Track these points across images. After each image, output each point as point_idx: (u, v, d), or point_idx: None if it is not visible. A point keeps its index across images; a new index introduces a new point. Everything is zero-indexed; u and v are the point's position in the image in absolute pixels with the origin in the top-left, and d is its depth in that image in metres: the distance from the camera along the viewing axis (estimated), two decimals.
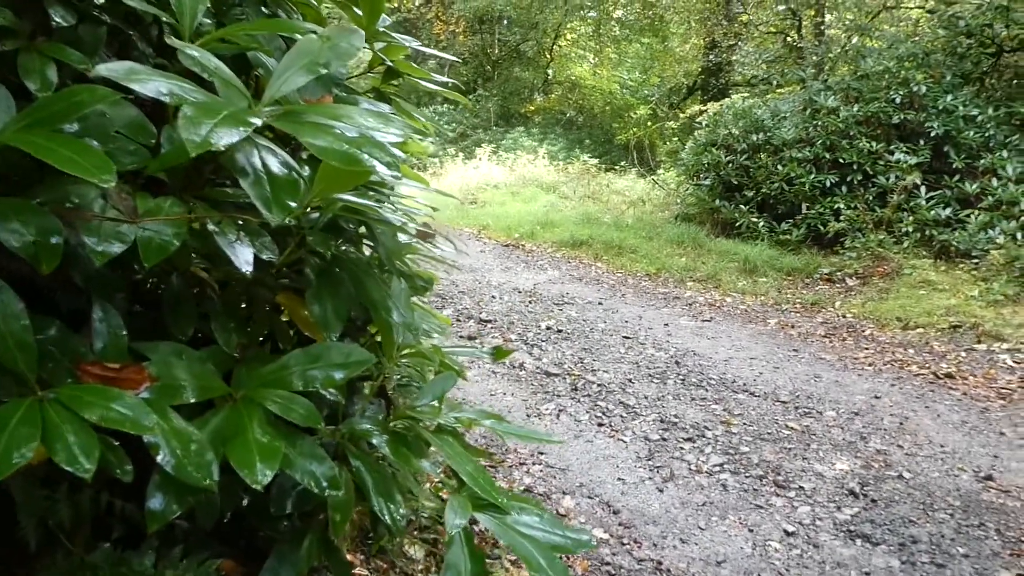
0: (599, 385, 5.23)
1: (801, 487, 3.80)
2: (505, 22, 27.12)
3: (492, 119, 24.68)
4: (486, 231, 12.07)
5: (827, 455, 4.17)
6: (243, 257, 1.09)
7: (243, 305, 1.36)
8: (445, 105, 26.30)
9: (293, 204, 0.97)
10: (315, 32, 1.14)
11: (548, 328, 6.57)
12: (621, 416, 4.73)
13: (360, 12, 1.42)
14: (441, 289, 7.90)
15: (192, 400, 1.07)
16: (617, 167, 18.15)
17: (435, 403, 1.58)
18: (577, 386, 5.22)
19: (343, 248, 1.34)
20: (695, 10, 19.47)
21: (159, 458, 0.94)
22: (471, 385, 5.21)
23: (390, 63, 1.57)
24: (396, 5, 28.85)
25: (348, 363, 1.20)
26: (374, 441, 1.43)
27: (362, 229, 1.41)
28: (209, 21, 1.31)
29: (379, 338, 1.55)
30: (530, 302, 7.51)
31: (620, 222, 11.81)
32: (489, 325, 6.63)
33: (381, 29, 1.53)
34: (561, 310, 7.22)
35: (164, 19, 1.15)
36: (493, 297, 7.68)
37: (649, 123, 20.27)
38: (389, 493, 1.35)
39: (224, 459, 1.00)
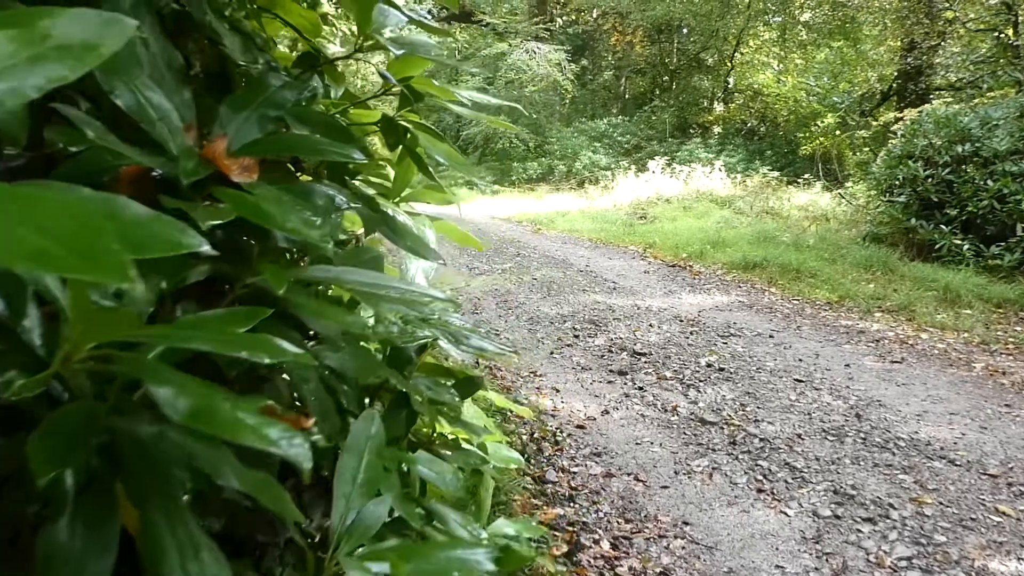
0: (762, 440, 4.53)
1: None
2: (684, 31, 26.26)
3: (667, 130, 23.87)
4: (652, 250, 11.43)
5: None
6: None
7: None
8: (620, 117, 25.82)
9: None
10: None
11: (709, 365, 5.89)
12: (786, 481, 4.03)
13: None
14: (596, 315, 7.41)
15: None
16: (800, 180, 16.87)
17: None
18: (736, 439, 4.55)
19: None
20: (891, 9, 17.72)
21: None
22: (615, 430, 4.69)
23: (394, 81, 1.13)
24: (574, 18, 28.76)
25: None
26: None
27: None
28: None
29: None
30: (691, 333, 6.84)
31: (800, 242, 10.79)
32: (643, 359, 6.05)
33: (391, 33, 1.08)
34: (725, 343, 6.50)
35: None
36: (651, 326, 7.07)
37: (837, 132, 18.69)
38: None
39: None
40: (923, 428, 4.69)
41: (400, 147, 1.21)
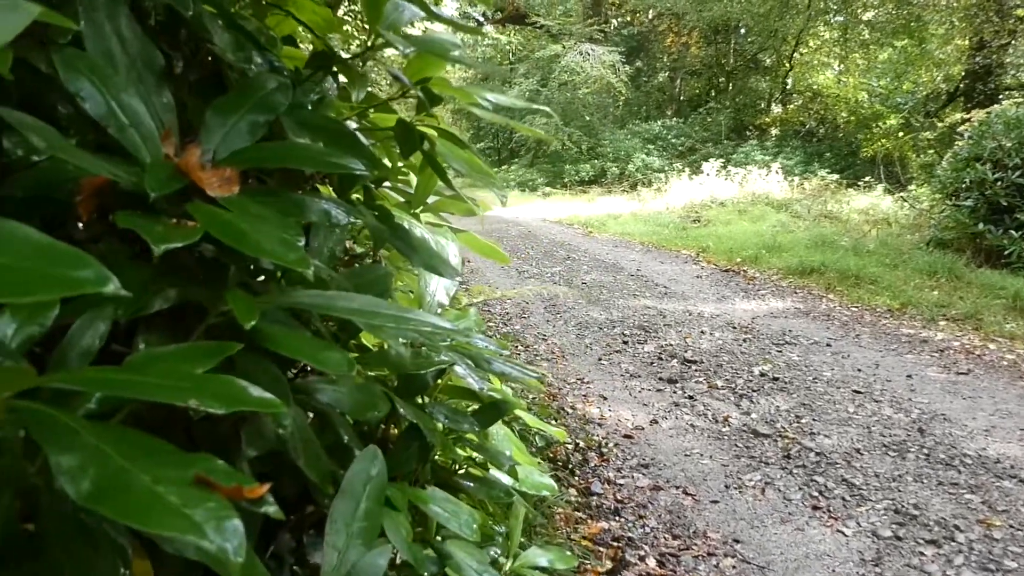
0: (818, 454, 4.33)
1: None
2: (741, 31, 25.78)
3: (723, 132, 23.43)
4: (705, 254, 11.18)
5: None
6: None
7: None
8: (675, 119, 25.47)
9: None
10: None
11: (762, 375, 5.68)
12: (843, 499, 3.82)
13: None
14: (646, 320, 7.24)
15: None
16: (860, 183, 16.36)
17: None
18: (790, 453, 4.35)
19: None
20: (960, 7, 17.07)
21: None
22: (664, 441, 4.53)
23: (407, 82, 1.02)
24: (629, 20, 28.46)
25: None
26: None
27: None
28: None
29: None
30: (744, 340, 6.62)
31: (860, 246, 10.42)
32: (693, 367, 5.86)
33: (407, 33, 0.98)
34: (780, 352, 6.27)
35: None
36: (703, 332, 6.87)
37: (900, 134, 18.08)
38: None
39: None
40: (991, 444, 4.43)
41: (420, 155, 1.11)
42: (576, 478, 4.07)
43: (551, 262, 10.84)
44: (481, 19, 26.18)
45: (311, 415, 0.91)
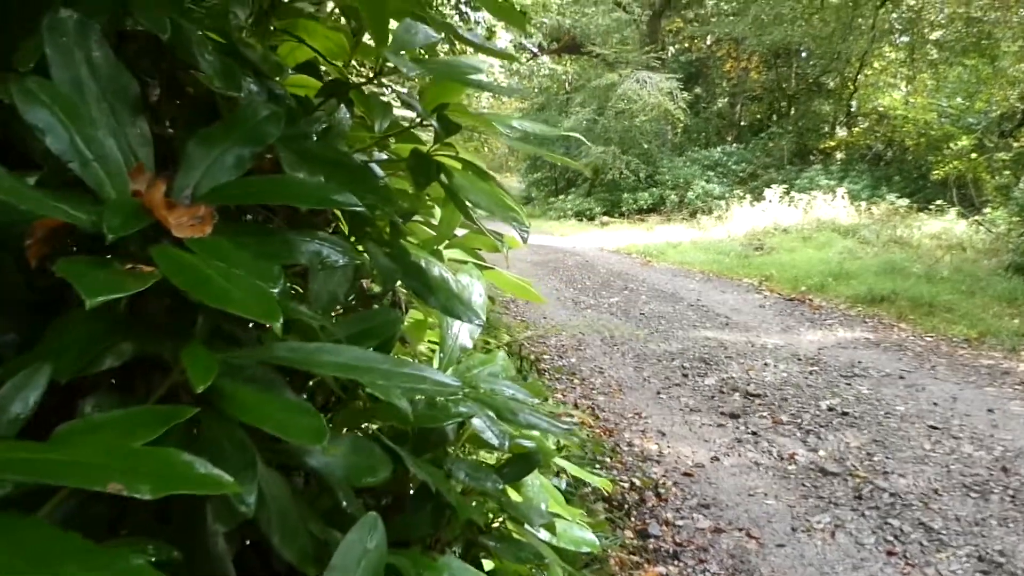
0: (892, 494, 4.08)
1: None
2: (803, 54, 25.36)
3: (786, 157, 22.98)
4: (768, 283, 10.88)
5: None
6: None
7: None
8: (735, 144, 25.13)
9: None
10: None
11: (830, 409, 5.42)
12: (921, 544, 3.58)
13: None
14: (707, 352, 7.03)
15: None
16: (931, 207, 15.79)
17: None
18: (862, 493, 4.11)
19: None
20: None
21: None
22: (725, 479, 4.34)
23: (419, 109, 0.94)
24: (687, 46, 28.30)
25: None
26: None
27: None
28: None
29: None
30: (811, 373, 6.36)
31: (933, 273, 10.01)
32: (756, 401, 5.64)
33: (424, 57, 0.90)
34: (849, 385, 6.00)
35: None
36: (766, 364, 6.63)
37: (973, 155, 17.43)
38: None
39: None
40: None
41: (435, 187, 1.03)
42: (632, 519, 3.91)
43: (608, 292, 10.68)
44: (536, 50, 26.37)
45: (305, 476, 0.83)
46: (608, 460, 4.56)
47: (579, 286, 11.26)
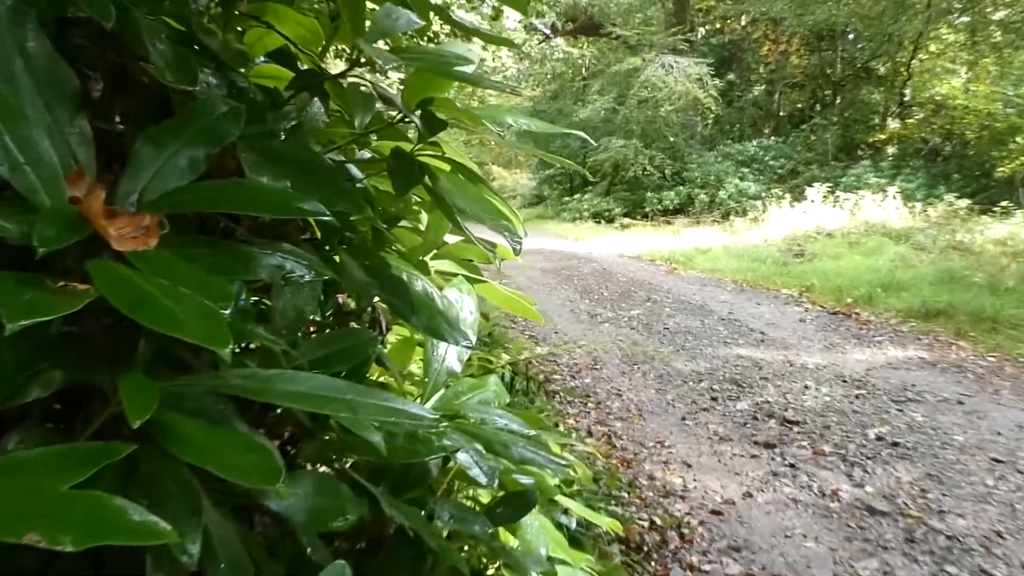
0: (949, 537, 4.06)
1: None
2: (850, 36, 25.42)
3: (830, 152, 23.00)
4: (809, 294, 10.90)
5: None
6: None
7: None
8: (773, 137, 25.16)
9: None
10: None
11: (879, 438, 5.41)
12: None
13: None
14: (739, 373, 7.03)
15: None
16: (996, 208, 15.77)
17: None
18: (915, 536, 4.09)
19: None
20: None
21: None
22: (759, 518, 4.33)
23: (399, 104, 0.94)
24: (718, 27, 28.39)
25: None
26: None
27: None
28: None
29: None
30: (857, 397, 6.35)
31: (997, 283, 10.00)
32: (795, 428, 5.63)
33: (404, 46, 0.90)
34: (901, 411, 5.98)
35: None
36: (806, 387, 6.62)
37: None
38: None
39: None
40: None
41: (417, 190, 1.03)
42: (653, 563, 3.90)
43: (629, 304, 10.70)
44: (548, 31, 26.45)
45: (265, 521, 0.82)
46: (626, 495, 4.55)
47: (595, 297, 11.29)
